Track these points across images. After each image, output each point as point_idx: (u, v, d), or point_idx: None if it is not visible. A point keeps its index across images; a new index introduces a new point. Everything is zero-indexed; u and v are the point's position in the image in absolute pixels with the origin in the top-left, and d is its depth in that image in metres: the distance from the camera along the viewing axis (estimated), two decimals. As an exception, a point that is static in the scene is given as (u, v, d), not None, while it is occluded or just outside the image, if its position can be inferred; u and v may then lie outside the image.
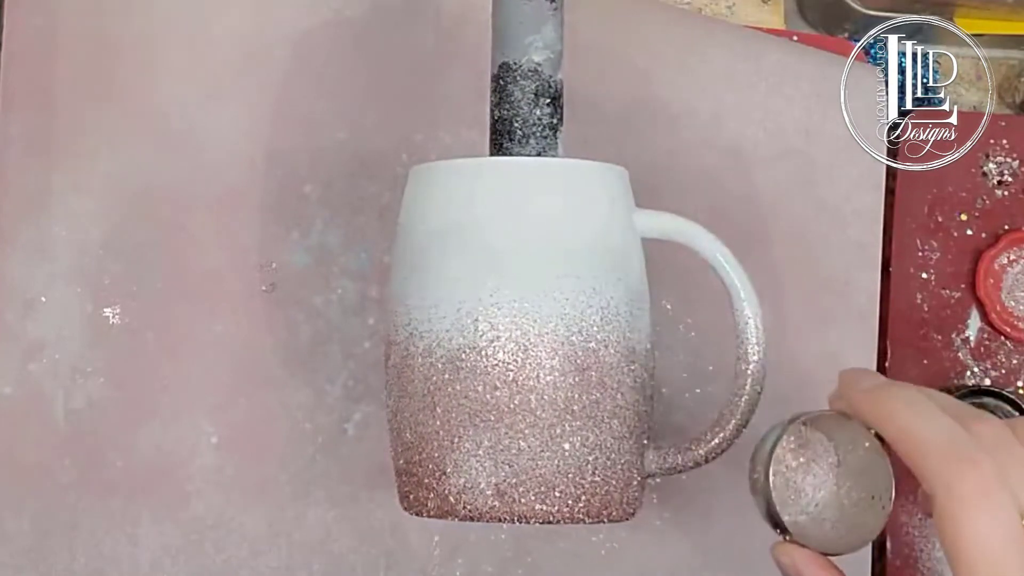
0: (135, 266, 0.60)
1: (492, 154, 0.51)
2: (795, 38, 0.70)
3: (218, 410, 0.60)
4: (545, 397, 0.46)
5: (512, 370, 0.46)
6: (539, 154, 0.50)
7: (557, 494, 0.46)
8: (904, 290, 0.70)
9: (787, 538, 0.43)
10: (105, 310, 0.60)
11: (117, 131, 0.60)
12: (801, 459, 0.45)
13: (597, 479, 0.47)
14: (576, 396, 0.46)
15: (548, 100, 0.50)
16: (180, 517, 0.59)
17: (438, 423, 0.47)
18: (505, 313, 0.46)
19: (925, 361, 0.70)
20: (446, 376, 0.47)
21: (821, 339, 0.66)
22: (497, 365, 0.46)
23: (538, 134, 0.50)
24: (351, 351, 0.61)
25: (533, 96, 0.50)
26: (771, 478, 0.44)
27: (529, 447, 0.46)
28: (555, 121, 0.51)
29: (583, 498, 0.47)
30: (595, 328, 0.47)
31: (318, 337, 0.61)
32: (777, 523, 0.44)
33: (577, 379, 0.46)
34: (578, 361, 0.47)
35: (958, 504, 0.34)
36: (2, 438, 0.59)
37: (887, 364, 0.68)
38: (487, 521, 0.46)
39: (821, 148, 0.67)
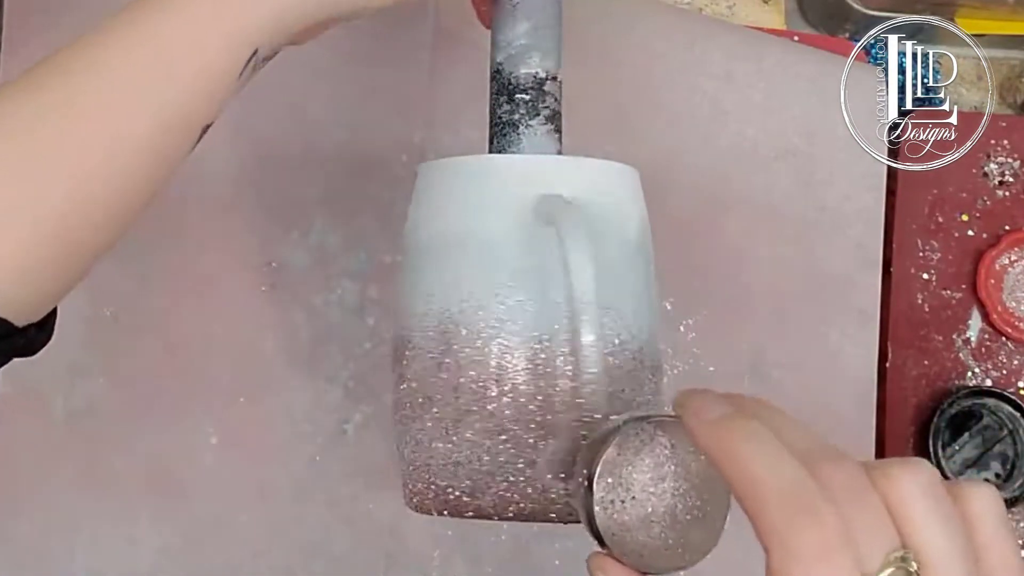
0: (135, 266, 0.60)
1: (492, 153, 0.51)
2: (795, 38, 0.70)
3: (218, 410, 0.60)
4: (546, 398, 0.46)
5: (512, 370, 0.46)
6: (540, 152, 0.50)
7: (553, 495, 0.46)
8: (905, 290, 0.70)
9: (605, 550, 0.39)
10: (105, 310, 0.60)
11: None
12: (636, 461, 0.40)
13: None
14: (574, 395, 0.46)
15: (547, 100, 0.50)
16: (180, 517, 0.59)
17: (438, 421, 0.47)
18: (506, 312, 0.46)
19: (926, 362, 0.70)
20: (445, 374, 0.47)
21: (821, 339, 0.65)
22: (496, 364, 0.46)
23: (537, 134, 0.50)
24: (351, 351, 0.61)
25: (532, 97, 0.50)
26: (595, 482, 0.39)
27: (528, 448, 0.46)
28: (554, 121, 0.51)
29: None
30: (603, 329, 0.47)
31: (318, 337, 0.61)
32: (594, 531, 0.39)
33: (582, 378, 0.46)
34: (583, 361, 0.46)
35: (794, 564, 0.29)
36: (2, 438, 0.59)
37: (887, 364, 0.68)
38: (486, 519, 0.46)
39: (821, 148, 0.67)
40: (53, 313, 0.45)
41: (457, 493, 0.47)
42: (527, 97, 0.50)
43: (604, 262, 0.48)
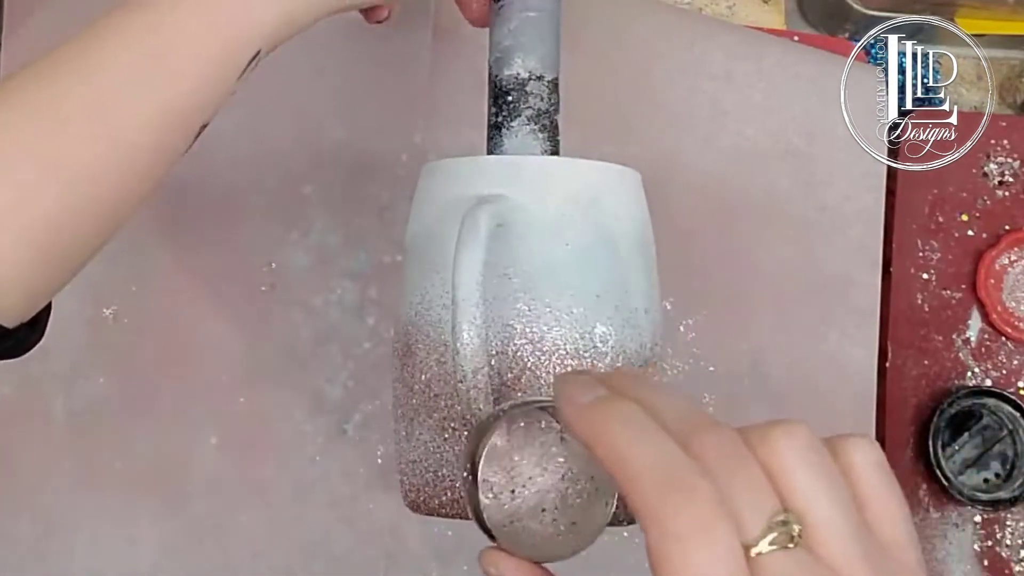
0: (135, 266, 0.60)
1: (489, 154, 0.51)
2: (795, 38, 0.70)
3: (218, 410, 0.60)
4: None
5: (513, 368, 0.46)
6: (539, 154, 0.50)
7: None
8: (905, 290, 0.70)
9: (495, 544, 0.38)
10: (105, 310, 0.60)
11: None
12: (521, 448, 0.39)
13: None
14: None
15: (529, 101, 0.50)
16: (180, 517, 0.59)
17: (433, 422, 0.47)
18: (505, 314, 0.46)
19: (926, 362, 0.70)
20: (439, 373, 0.47)
21: (821, 339, 0.65)
22: (496, 363, 0.46)
23: (518, 135, 0.50)
24: (351, 351, 0.61)
25: (514, 98, 0.50)
26: (479, 472, 0.38)
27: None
28: (538, 121, 0.51)
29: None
30: (599, 330, 0.47)
31: (318, 337, 0.61)
32: (482, 525, 0.38)
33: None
34: (580, 360, 0.46)
35: (672, 543, 0.28)
36: (2, 438, 0.59)
37: (887, 364, 0.68)
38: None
39: (821, 148, 0.67)
40: (45, 311, 0.45)
41: (447, 494, 0.47)
42: (510, 98, 0.50)
43: (603, 264, 0.48)
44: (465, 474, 0.38)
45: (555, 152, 0.51)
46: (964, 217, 0.71)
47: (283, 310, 0.61)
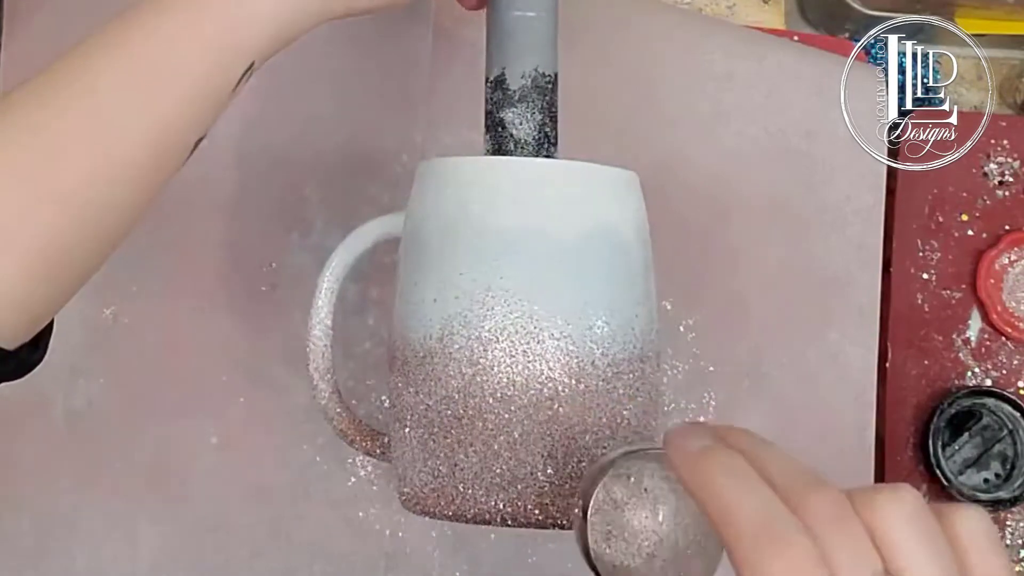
0: (135, 266, 0.60)
1: (489, 155, 0.51)
2: (795, 38, 0.70)
3: (218, 410, 0.60)
4: (542, 399, 0.46)
5: (513, 372, 0.46)
6: (536, 156, 0.50)
7: (547, 496, 0.46)
8: (904, 290, 0.70)
9: None
10: (105, 310, 0.60)
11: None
12: (633, 496, 0.40)
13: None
14: (572, 398, 0.46)
15: (544, 103, 0.50)
16: (180, 517, 0.59)
17: (430, 422, 0.47)
18: (501, 315, 0.46)
19: (926, 362, 0.70)
20: (437, 377, 0.47)
21: (821, 339, 0.65)
22: (496, 367, 0.46)
23: (535, 136, 0.50)
24: (351, 351, 0.61)
25: (529, 99, 0.50)
26: (590, 517, 0.39)
27: (522, 450, 0.46)
28: (552, 123, 0.51)
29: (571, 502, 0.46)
30: (596, 332, 0.47)
31: (318, 337, 0.61)
32: (592, 566, 0.39)
33: (575, 381, 0.46)
34: (576, 363, 0.46)
35: None
36: (2, 438, 0.59)
37: (887, 364, 0.68)
38: (479, 523, 0.46)
39: (821, 148, 0.67)
40: (47, 331, 0.45)
41: (444, 495, 0.47)
42: (508, 99, 0.50)
43: (599, 264, 0.48)
44: (577, 511, 0.40)
45: (554, 151, 0.51)
46: (964, 217, 0.71)
47: (283, 310, 0.61)
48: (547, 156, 0.50)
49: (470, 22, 0.62)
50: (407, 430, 0.49)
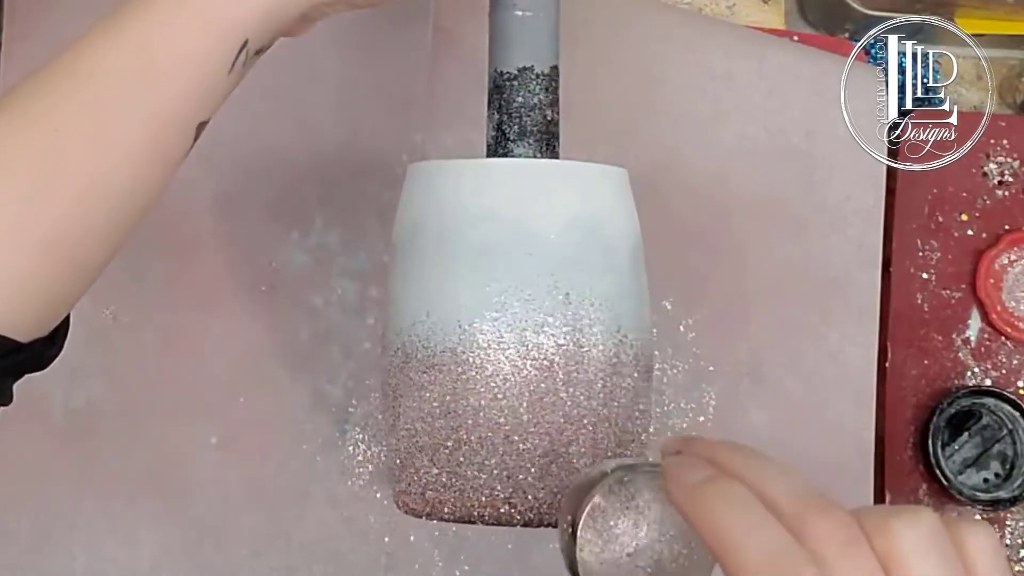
0: (135, 266, 0.60)
1: (490, 156, 0.51)
2: (795, 38, 0.70)
3: (218, 410, 0.60)
4: (538, 400, 0.46)
5: (506, 372, 0.46)
6: (537, 156, 0.50)
7: (543, 495, 0.46)
8: (904, 290, 0.70)
9: None
10: (105, 310, 0.60)
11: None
12: (622, 510, 0.40)
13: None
14: (566, 395, 0.46)
15: (545, 103, 0.50)
16: (180, 517, 0.59)
17: (424, 423, 0.47)
18: (499, 317, 0.46)
19: (925, 361, 0.70)
20: (432, 378, 0.47)
21: (821, 339, 0.65)
22: (490, 367, 0.46)
23: (535, 137, 0.50)
24: (351, 351, 0.61)
25: (529, 100, 0.50)
26: (580, 530, 0.39)
27: (516, 448, 0.46)
28: (552, 124, 0.51)
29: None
30: (588, 329, 0.47)
31: (318, 337, 0.61)
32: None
33: (568, 379, 0.46)
34: (569, 360, 0.46)
35: None
36: (2, 438, 0.59)
37: (887, 364, 0.68)
38: (473, 524, 0.46)
39: (821, 148, 0.67)
40: (63, 326, 0.45)
41: (440, 496, 0.47)
42: (509, 99, 0.51)
43: (591, 261, 0.48)
44: (565, 526, 0.40)
45: (554, 151, 0.51)
46: (964, 217, 0.71)
47: (283, 310, 0.61)
48: (549, 155, 0.50)
49: (470, 22, 0.62)
50: (402, 431, 0.49)
